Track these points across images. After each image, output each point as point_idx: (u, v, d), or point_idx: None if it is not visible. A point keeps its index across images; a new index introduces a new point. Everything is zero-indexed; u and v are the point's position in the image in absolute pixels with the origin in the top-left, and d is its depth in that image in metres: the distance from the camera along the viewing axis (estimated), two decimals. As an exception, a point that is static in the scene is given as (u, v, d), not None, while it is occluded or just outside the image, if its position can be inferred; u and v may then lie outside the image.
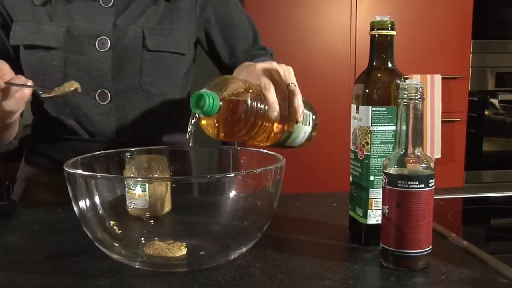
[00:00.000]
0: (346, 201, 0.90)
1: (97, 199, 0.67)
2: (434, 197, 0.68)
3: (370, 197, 0.76)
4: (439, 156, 2.46)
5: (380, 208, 0.73)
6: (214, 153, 0.86)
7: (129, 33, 1.02)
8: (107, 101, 1.03)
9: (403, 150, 0.68)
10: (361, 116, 0.76)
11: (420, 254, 0.67)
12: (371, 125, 0.74)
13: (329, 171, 2.44)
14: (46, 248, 0.77)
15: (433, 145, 2.46)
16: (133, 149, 0.82)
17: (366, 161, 0.75)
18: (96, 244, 0.69)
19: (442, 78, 2.44)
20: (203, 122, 0.76)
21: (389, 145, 0.75)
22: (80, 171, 0.68)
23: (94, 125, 1.05)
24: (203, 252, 0.71)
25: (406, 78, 0.72)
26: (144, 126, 1.08)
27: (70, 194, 0.67)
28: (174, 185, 0.72)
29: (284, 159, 0.72)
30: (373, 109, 0.74)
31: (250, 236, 0.70)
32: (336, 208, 0.98)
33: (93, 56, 1.01)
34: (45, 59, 1.01)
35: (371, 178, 0.75)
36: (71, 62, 1.01)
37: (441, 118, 2.44)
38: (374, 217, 0.76)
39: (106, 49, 1.01)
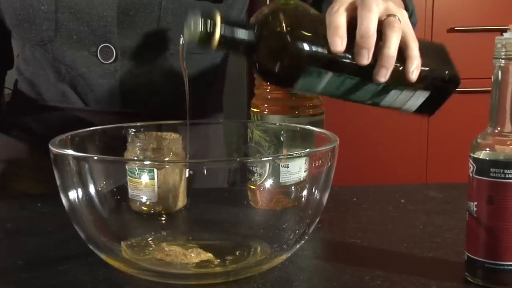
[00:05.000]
0: (419, 197, 0.92)
1: (92, 189, 0.70)
2: (541, 192, 0.69)
3: None
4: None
5: None
6: (244, 130, 0.88)
7: None
8: (112, 60, 1.06)
9: (498, 128, 0.69)
10: None
11: (519, 267, 0.69)
12: None
13: (395, 158, 2.44)
14: (23, 253, 0.80)
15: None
16: (138, 123, 0.85)
17: None
18: (90, 247, 0.72)
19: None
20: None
21: None
22: (70, 151, 0.70)
23: (93, 91, 1.08)
24: (230, 259, 0.73)
25: (505, 31, 0.73)
26: (159, 95, 1.10)
27: (58, 182, 0.70)
28: (191, 172, 0.74)
29: (338, 140, 0.74)
30: None
31: (291, 239, 0.72)
32: (405, 205, 0.99)
33: (94, 0, 1.03)
34: (32, 2, 1.04)
35: None
36: (64, 8, 1.03)
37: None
38: None
39: None
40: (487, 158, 0.68)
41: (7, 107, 1.20)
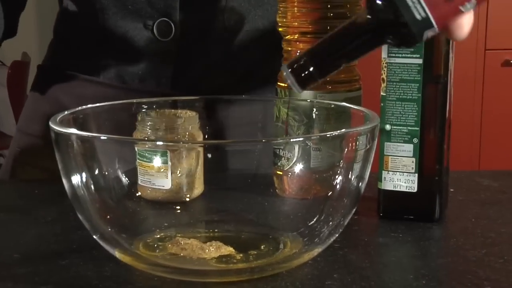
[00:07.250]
0: (471, 185, 0.92)
1: (97, 173, 0.71)
2: None
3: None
4: None
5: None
6: (270, 107, 0.89)
7: None
8: (169, 37, 1.07)
9: None
10: None
11: None
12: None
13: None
14: (20, 246, 0.81)
15: None
16: (150, 99, 0.86)
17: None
18: (96, 239, 0.73)
19: None
20: None
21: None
22: (74, 130, 0.71)
23: (141, 69, 1.10)
24: (254, 254, 0.74)
25: None
26: (214, 81, 1.11)
27: (60, 166, 0.71)
28: (209, 155, 0.74)
29: (379, 119, 0.74)
30: None
31: (324, 232, 0.73)
32: (455, 194, 0.99)
33: None
34: None
35: (387, 127, 0.85)
36: None
37: None
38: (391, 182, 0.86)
39: None
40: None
41: (36, 75, 1.23)
